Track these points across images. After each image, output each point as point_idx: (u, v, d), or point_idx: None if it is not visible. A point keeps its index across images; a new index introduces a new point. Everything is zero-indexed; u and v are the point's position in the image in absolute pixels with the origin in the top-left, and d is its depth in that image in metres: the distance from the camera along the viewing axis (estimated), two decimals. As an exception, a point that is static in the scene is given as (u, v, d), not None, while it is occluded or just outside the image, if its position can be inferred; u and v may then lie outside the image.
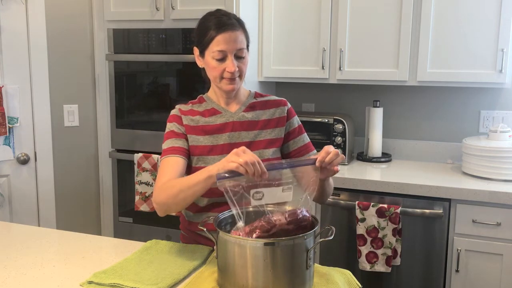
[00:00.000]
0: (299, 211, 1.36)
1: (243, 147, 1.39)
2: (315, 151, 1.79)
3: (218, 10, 1.67)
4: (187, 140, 1.67)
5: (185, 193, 1.48)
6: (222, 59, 1.61)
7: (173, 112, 1.73)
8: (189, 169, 1.67)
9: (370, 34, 2.77)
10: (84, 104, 3.15)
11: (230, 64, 1.60)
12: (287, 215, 1.35)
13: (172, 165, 1.60)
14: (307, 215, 1.38)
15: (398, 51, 2.73)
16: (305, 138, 1.80)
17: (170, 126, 1.70)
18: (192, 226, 1.71)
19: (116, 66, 2.95)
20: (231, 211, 1.46)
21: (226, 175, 1.34)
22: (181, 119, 1.69)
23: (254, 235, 1.31)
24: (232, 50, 1.60)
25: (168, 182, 1.55)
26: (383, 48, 2.76)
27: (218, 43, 1.59)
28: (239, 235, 1.31)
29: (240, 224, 1.34)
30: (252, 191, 1.36)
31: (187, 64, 2.80)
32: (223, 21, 1.61)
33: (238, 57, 1.62)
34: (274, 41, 2.96)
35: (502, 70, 2.56)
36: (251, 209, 1.39)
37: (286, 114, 1.75)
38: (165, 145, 1.67)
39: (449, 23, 2.63)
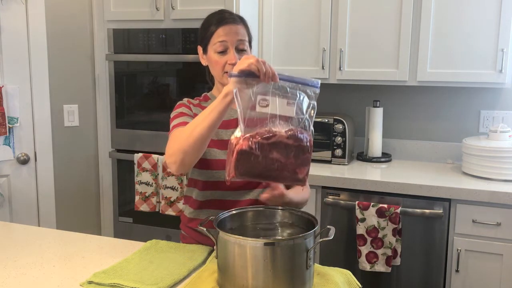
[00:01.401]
0: (298, 131, 1.37)
1: (253, 55, 1.40)
2: None
3: (221, 10, 1.70)
4: None
5: (201, 125, 1.40)
6: (223, 52, 1.62)
7: (180, 102, 1.72)
8: None
9: (370, 34, 2.77)
10: (84, 104, 3.15)
11: (232, 56, 1.61)
12: (287, 129, 1.36)
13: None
14: (308, 138, 1.38)
15: (398, 51, 2.73)
16: None
17: (179, 109, 1.67)
18: (192, 224, 1.71)
19: (116, 66, 2.95)
20: (231, 211, 1.47)
21: (239, 74, 1.35)
22: (190, 108, 1.70)
23: (254, 140, 1.32)
24: (233, 41, 1.62)
25: (178, 131, 1.51)
26: (383, 48, 2.76)
27: (219, 35, 1.62)
28: (240, 138, 1.33)
29: (241, 127, 1.35)
30: (258, 97, 1.36)
31: (187, 64, 2.80)
32: (225, 16, 1.65)
33: (240, 50, 1.64)
34: (274, 41, 2.96)
35: (502, 70, 2.56)
36: (254, 114, 1.37)
37: None
38: (175, 121, 1.60)
39: (449, 23, 2.63)
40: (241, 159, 1.34)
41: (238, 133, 1.36)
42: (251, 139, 1.33)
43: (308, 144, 1.38)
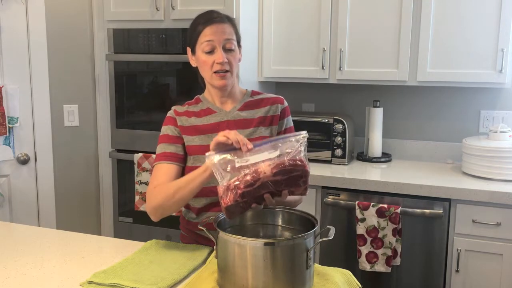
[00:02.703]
0: (288, 164, 1.31)
1: (227, 130, 1.43)
2: None
3: (209, 10, 1.70)
4: (181, 142, 1.68)
5: (182, 191, 1.51)
6: (211, 52, 1.63)
7: (168, 114, 1.75)
8: (184, 169, 1.69)
9: (370, 34, 2.77)
10: (84, 104, 3.15)
11: (219, 55, 1.61)
12: (273, 166, 1.31)
13: (163, 171, 1.63)
14: (299, 163, 1.33)
15: (398, 51, 2.73)
16: None
17: (164, 130, 1.72)
18: (191, 226, 1.71)
19: (116, 66, 2.95)
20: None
21: (213, 152, 1.39)
22: (176, 121, 1.71)
23: (238, 191, 1.30)
24: (219, 40, 1.62)
25: (161, 185, 1.58)
26: (383, 48, 2.76)
27: (206, 35, 1.62)
28: (224, 190, 1.31)
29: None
30: (236, 160, 1.36)
31: (187, 64, 2.75)
32: (211, 16, 1.65)
33: (227, 49, 1.64)
34: (274, 41, 2.96)
35: (502, 70, 2.56)
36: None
37: (279, 113, 1.74)
38: (158, 149, 1.70)
39: (449, 23, 2.63)
40: (230, 210, 1.34)
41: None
42: (234, 191, 1.30)
43: (301, 171, 1.33)
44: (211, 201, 1.65)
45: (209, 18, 1.64)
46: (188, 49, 1.72)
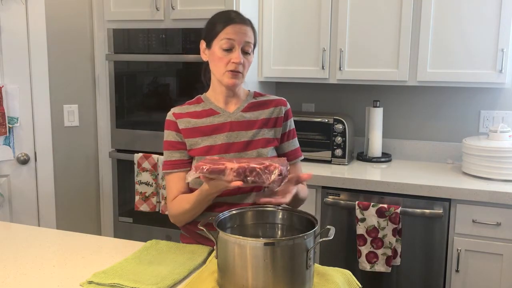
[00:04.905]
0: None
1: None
2: (302, 156, 1.81)
3: (233, 10, 1.73)
4: (184, 148, 1.69)
5: (194, 211, 1.63)
6: (229, 50, 1.62)
7: (167, 117, 1.74)
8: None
9: (370, 34, 2.77)
10: (84, 104, 3.15)
11: (237, 55, 1.61)
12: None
13: (175, 182, 1.69)
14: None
15: (398, 51, 2.73)
16: (295, 143, 1.80)
17: (166, 135, 1.72)
18: (191, 226, 1.71)
19: (116, 66, 2.95)
20: (231, 211, 1.47)
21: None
22: (177, 125, 1.70)
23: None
24: (240, 41, 1.62)
25: (175, 200, 1.67)
26: (383, 48, 2.76)
27: (227, 33, 1.62)
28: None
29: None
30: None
31: (187, 64, 2.80)
32: (236, 16, 1.66)
33: (245, 52, 1.64)
34: (274, 41, 2.96)
35: (502, 70, 2.56)
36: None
37: (283, 115, 1.75)
38: (164, 156, 1.73)
39: (449, 23, 2.63)
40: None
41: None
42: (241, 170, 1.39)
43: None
44: (213, 202, 1.65)
45: (233, 17, 1.65)
46: (202, 42, 1.70)
